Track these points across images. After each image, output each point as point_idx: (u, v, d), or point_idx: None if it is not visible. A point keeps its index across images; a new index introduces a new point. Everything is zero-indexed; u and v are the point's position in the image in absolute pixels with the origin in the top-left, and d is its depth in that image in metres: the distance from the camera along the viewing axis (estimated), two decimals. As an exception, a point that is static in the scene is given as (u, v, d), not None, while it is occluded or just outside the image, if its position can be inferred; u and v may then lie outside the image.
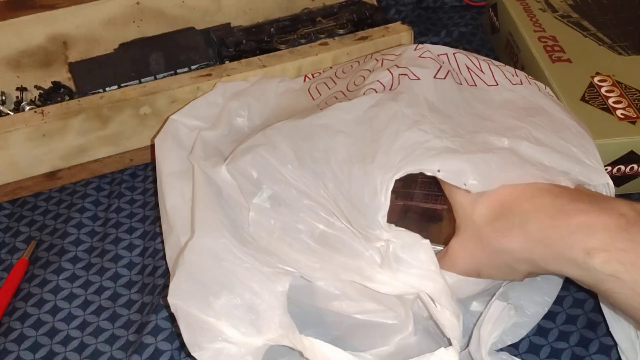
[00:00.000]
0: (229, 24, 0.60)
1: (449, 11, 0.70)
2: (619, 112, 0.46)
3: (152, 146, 0.46)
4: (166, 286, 0.44)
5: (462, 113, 0.38)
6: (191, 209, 0.38)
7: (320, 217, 0.35)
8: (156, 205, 0.51)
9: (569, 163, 0.36)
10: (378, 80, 0.40)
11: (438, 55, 0.42)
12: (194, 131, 0.43)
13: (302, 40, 0.57)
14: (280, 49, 0.56)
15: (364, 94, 0.39)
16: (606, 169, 0.45)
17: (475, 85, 0.40)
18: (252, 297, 0.34)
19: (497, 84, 0.41)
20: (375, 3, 0.63)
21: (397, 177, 0.34)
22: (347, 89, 0.42)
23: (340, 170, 0.35)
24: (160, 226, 0.49)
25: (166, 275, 0.45)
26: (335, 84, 0.44)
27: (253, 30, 0.58)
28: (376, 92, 0.39)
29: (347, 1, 0.62)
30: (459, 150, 0.35)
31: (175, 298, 0.35)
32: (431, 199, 0.41)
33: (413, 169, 0.34)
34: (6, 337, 0.42)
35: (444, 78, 0.39)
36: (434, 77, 0.39)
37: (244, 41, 0.57)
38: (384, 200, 0.34)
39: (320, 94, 0.44)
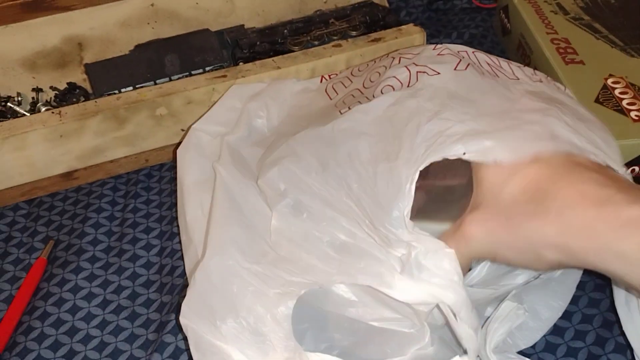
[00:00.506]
0: (242, 25, 0.60)
1: (459, 13, 0.71)
2: (633, 114, 0.46)
3: (174, 152, 0.46)
4: (185, 286, 0.44)
5: (488, 97, 0.37)
6: (207, 223, 0.38)
7: (342, 227, 0.35)
8: (173, 206, 0.51)
9: (595, 149, 0.35)
10: (394, 77, 0.40)
11: (458, 52, 0.42)
12: (216, 138, 0.43)
13: (316, 42, 0.57)
14: (293, 51, 0.56)
15: (381, 91, 0.40)
16: (620, 170, 0.45)
17: (498, 77, 0.40)
18: (257, 322, 0.34)
19: (518, 79, 0.41)
20: (387, 5, 0.63)
21: (421, 168, 0.34)
22: (363, 86, 0.42)
23: (364, 170, 0.35)
24: (177, 226, 0.49)
25: (184, 276, 0.45)
26: (352, 82, 0.45)
27: (266, 32, 0.59)
28: (393, 88, 0.39)
29: (360, 3, 0.62)
30: (486, 130, 0.34)
31: (186, 319, 0.35)
32: (448, 175, 0.40)
33: (437, 157, 0.34)
34: (27, 336, 0.43)
35: (465, 69, 0.39)
36: (455, 69, 0.39)
37: (258, 43, 0.58)
38: (408, 194, 0.34)
39: (337, 93, 0.44)
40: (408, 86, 0.39)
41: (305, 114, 0.44)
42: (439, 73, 0.39)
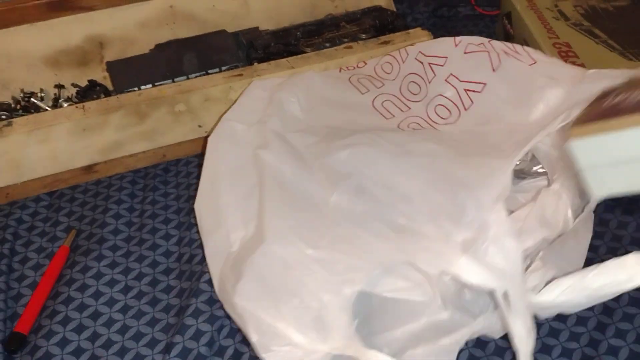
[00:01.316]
0: (257, 27, 0.63)
1: (463, 19, 0.74)
2: (631, 114, 0.49)
3: (204, 142, 0.47)
4: (204, 272, 0.46)
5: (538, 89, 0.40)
6: (259, 210, 0.39)
7: (402, 212, 0.36)
8: (190, 198, 0.53)
9: None
10: (441, 95, 0.42)
11: (479, 44, 0.44)
12: (252, 126, 0.45)
13: (327, 44, 0.60)
14: (306, 52, 0.59)
15: (434, 111, 0.42)
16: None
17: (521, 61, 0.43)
18: (320, 307, 0.35)
19: (535, 61, 0.44)
20: (395, 10, 0.66)
21: (519, 158, 0.35)
22: (402, 94, 0.44)
23: (453, 161, 0.37)
24: (195, 217, 0.51)
25: (203, 262, 0.47)
26: (383, 84, 0.47)
27: (280, 34, 0.61)
28: (449, 110, 0.42)
29: (369, 8, 0.65)
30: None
31: (244, 300, 0.36)
32: None
33: (529, 148, 0.36)
34: (52, 319, 0.45)
35: (500, 62, 0.41)
36: (494, 71, 0.41)
37: (272, 44, 0.60)
38: (503, 182, 0.34)
39: (368, 90, 0.46)
40: (465, 109, 0.42)
41: (340, 103, 0.46)
42: (485, 84, 0.41)
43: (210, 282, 0.45)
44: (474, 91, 0.42)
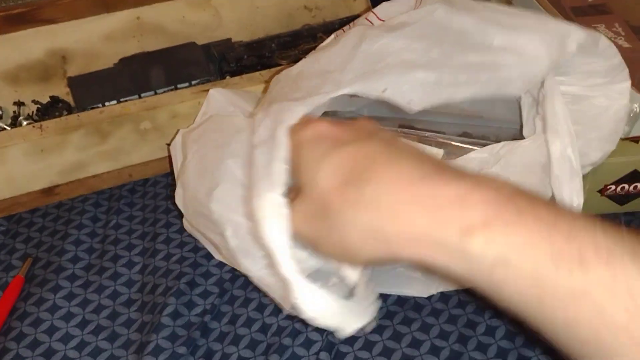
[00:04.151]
0: (229, 39, 0.60)
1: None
2: (622, 130, 0.46)
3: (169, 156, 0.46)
4: (167, 304, 0.43)
5: None
6: None
7: None
8: (156, 222, 0.50)
9: None
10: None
11: None
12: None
13: (303, 56, 0.57)
14: (281, 64, 0.56)
15: None
16: (610, 188, 0.45)
17: None
18: None
19: None
20: (375, 19, 0.63)
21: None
22: None
23: None
24: (160, 242, 0.48)
25: (166, 294, 0.44)
26: None
27: (254, 46, 0.58)
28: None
29: (347, 17, 0.62)
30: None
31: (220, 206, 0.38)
32: None
33: None
34: (1, 358, 0.41)
35: None
36: None
37: (245, 56, 0.57)
38: None
39: None
40: None
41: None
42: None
43: (172, 315, 0.42)
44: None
